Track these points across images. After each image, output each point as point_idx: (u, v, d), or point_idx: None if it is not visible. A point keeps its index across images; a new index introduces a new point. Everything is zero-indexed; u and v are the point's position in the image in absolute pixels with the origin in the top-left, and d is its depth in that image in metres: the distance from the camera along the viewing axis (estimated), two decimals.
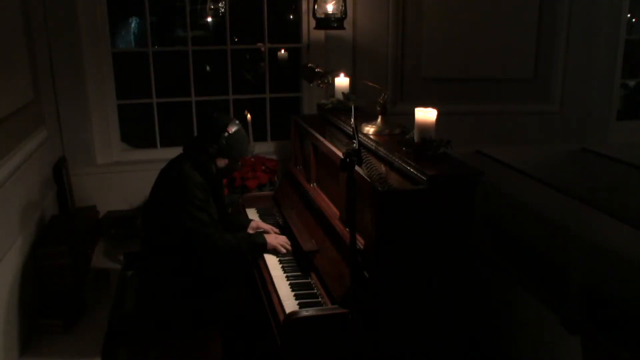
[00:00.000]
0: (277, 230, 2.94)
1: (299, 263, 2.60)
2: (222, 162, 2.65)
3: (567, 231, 2.76)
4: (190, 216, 2.47)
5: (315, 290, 2.37)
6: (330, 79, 3.07)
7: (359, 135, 2.58)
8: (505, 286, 2.83)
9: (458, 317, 2.24)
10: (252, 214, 3.24)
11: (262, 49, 4.18)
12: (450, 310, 2.23)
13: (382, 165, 2.44)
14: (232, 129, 2.61)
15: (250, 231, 2.90)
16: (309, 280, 2.46)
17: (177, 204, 2.48)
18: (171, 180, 2.57)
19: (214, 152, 2.59)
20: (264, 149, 4.01)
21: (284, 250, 2.69)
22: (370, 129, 2.72)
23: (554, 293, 2.58)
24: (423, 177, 2.13)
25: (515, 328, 2.77)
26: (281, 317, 2.19)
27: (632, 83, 5.00)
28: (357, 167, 1.98)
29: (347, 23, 3.73)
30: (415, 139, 2.30)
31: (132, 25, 6.46)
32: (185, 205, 2.47)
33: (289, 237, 2.81)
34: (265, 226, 2.95)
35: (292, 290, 2.37)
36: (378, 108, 2.75)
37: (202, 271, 2.60)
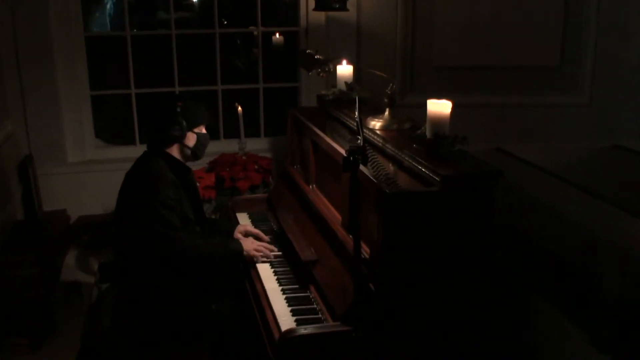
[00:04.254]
0: (267, 238, 2.95)
1: (296, 274, 2.61)
2: (192, 140, 2.68)
3: (597, 238, 2.76)
4: (159, 218, 2.47)
5: (315, 305, 2.38)
6: (331, 67, 3.07)
7: (364, 130, 2.58)
8: (528, 299, 2.83)
9: (474, 334, 2.25)
10: (243, 218, 3.25)
11: (255, 33, 4.19)
12: (466, 326, 2.23)
13: (390, 164, 2.44)
14: (181, 101, 2.67)
15: (238, 236, 2.91)
16: (308, 293, 2.46)
17: (146, 204, 2.49)
18: (140, 180, 2.59)
19: (179, 133, 2.63)
20: (257, 145, 4.02)
21: (262, 258, 2.71)
22: (376, 124, 2.73)
23: (583, 307, 2.59)
24: (436, 178, 2.13)
25: (538, 346, 2.78)
26: (276, 335, 2.19)
27: None
28: (361, 167, 1.98)
29: (351, 4, 3.73)
30: (427, 134, 2.31)
31: (108, 5, 6.46)
32: (155, 205, 2.48)
33: (285, 245, 2.81)
34: (255, 231, 2.96)
35: (289, 306, 2.37)
36: (385, 100, 2.75)
37: (185, 281, 2.60)
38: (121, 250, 2.65)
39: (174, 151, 2.67)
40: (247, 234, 2.93)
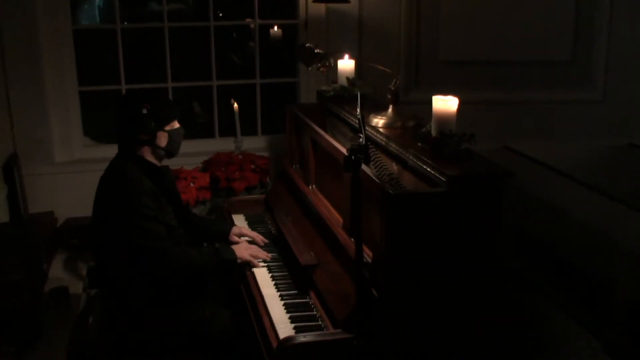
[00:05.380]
0: (265, 240, 2.95)
1: (294, 279, 2.61)
2: (163, 140, 2.64)
3: (611, 241, 2.77)
4: (142, 230, 2.46)
5: (315, 312, 2.38)
6: (332, 61, 3.07)
7: (366, 128, 2.59)
8: (538, 305, 2.84)
9: (482, 339, 2.25)
10: (239, 220, 3.25)
11: (252, 26, 4.19)
12: (473, 332, 2.23)
13: (394, 164, 2.45)
14: (148, 102, 2.61)
15: (234, 238, 2.92)
16: (307, 299, 2.47)
17: (125, 217, 2.47)
18: (117, 192, 2.55)
19: (148, 137, 2.60)
20: (254, 144, 4.02)
21: (258, 265, 2.72)
22: (379, 121, 2.73)
23: (595, 313, 2.59)
24: (442, 178, 2.13)
25: (548, 352, 2.78)
26: (274, 343, 2.19)
27: None
28: (363, 166, 1.99)
29: None
30: (433, 132, 2.31)
31: None
32: (135, 218, 2.46)
33: (283, 249, 2.82)
34: (251, 234, 2.96)
35: (287, 312, 2.38)
36: (389, 96, 2.76)
37: (176, 288, 2.60)
38: (104, 260, 2.64)
39: (146, 154, 2.63)
40: (242, 236, 2.94)
